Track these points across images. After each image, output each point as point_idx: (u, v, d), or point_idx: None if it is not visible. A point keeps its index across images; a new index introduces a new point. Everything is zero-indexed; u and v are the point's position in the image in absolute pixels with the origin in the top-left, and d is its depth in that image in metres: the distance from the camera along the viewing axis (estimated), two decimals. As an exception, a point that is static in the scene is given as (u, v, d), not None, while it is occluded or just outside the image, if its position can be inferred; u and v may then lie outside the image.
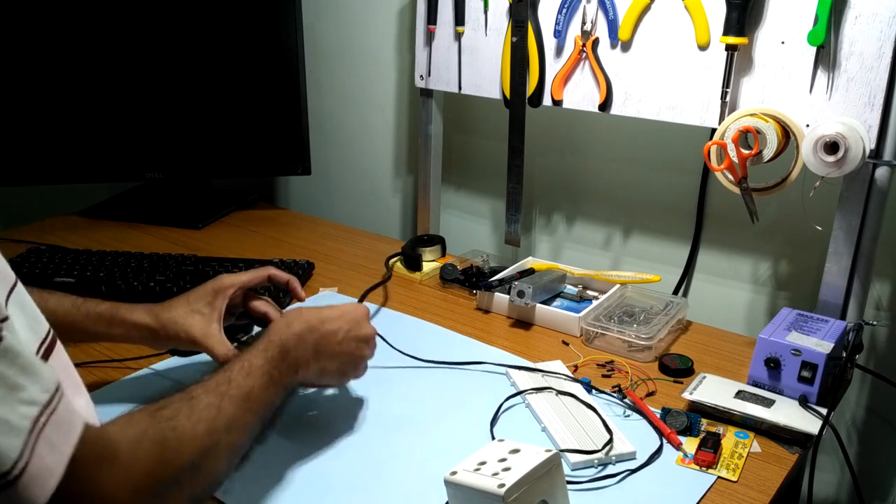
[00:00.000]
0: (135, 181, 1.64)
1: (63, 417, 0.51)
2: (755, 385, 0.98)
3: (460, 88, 1.36)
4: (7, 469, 0.46)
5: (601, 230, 1.43)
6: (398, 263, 1.38)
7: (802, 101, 1.04)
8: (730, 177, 1.07)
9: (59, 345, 0.62)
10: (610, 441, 0.86)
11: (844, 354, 1.00)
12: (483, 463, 0.72)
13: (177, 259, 1.32)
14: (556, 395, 0.97)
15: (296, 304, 0.99)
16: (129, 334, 0.89)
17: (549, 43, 1.23)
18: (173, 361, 1.04)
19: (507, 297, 1.19)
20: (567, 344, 1.12)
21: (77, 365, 0.98)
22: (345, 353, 0.85)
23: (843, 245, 1.05)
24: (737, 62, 1.06)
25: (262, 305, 0.94)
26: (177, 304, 0.90)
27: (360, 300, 1.21)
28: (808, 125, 1.03)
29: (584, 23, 1.18)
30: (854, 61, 0.99)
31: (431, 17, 1.35)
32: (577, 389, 0.98)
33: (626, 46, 1.16)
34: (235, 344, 0.90)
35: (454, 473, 0.71)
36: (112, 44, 1.50)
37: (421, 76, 1.41)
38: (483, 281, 1.25)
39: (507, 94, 1.29)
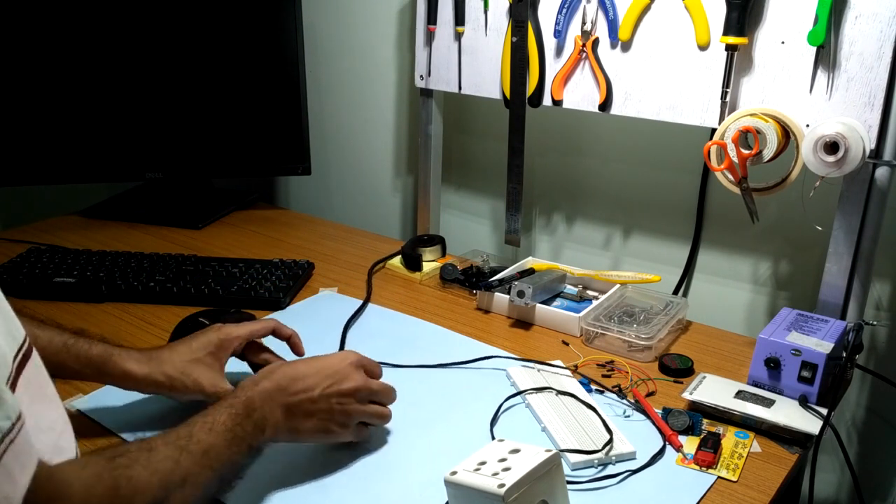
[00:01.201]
0: (135, 181, 1.64)
1: (22, 448, 0.51)
2: (755, 385, 0.98)
3: (460, 88, 1.36)
4: None
5: (601, 230, 1.43)
6: (398, 263, 1.38)
7: (802, 101, 1.04)
8: (730, 177, 1.07)
9: (34, 353, 0.61)
10: (610, 441, 0.86)
11: (844, 354, 1.00)
12: (483, 463, 0.72)
13: (177, 259, 1.33)
14: (556, 395, 0.97)
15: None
16: (124, 383, 0.85)
17: (549, 43, 1.23)
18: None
19: (507, 297, 1.19)
20: (567, 344, 1.12)
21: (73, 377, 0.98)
22: (322, 410, 0.78)
23: (843, 245, 1.05)
24: (737, 62, 1.06)
25: (265, 356, 0.92)
26: (179, 351, 0.86)
27: (342, 339, 1.12)
28: (808, 125, 1.03)
29: (584, 23, 1.18)
30: (854, 61, 0.99)
31: (431, 17, 1.35)
32: (577, 389, 0.98)
33: (626, 46, 1.16)
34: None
35: (454, 473, 0.71)
36: (112, 44, 1.50)
37: (421, 76, 1.41)
38: (483, 281, 1.25)
39: (507, 94, 1.29)
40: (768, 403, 0.93)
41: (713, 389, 0.96)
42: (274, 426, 0.76)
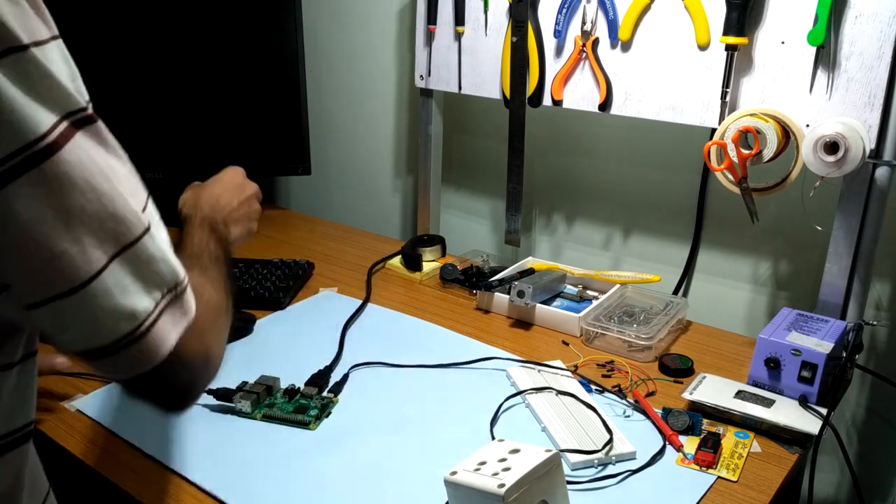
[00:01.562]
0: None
1: (186, 300, 0.58)
2: (755, 385, 0.98)
3: (460, 88, 1.36)
4: (138, 324, 0.53)
5: (601, 230, 1.43)
6: (398, 263, 1.38)
7: (802, 101, 1.04)
8: (730, 177, 1.07)
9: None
10: (610, 441, 0.86)
11: (844, 354, 1.00)
12: (483, 463, 0.72)
13: (177, 259, 1.32)
14: (556, 395, 0.97)
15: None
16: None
17: (549, 43, 1.23)
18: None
19: (507, 297, 1.19)
20: (567, 344, 1.12)
21: (73, 375, 0.99)
22: (243, 216, 0.93)
23: (843, 245, 1.05)
24: (737, 62, 1.06)
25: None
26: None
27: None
28: (808, 125, 1.03)
29: (584, 23, 1.18)
30: (854, 61, 0.99)
31: (431, 17, 1.35)
32: (578, 389, 0.98)
33: (626, 46, 1.16)
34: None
35: (454, 473, 0.71)
36: (112, 44, 1.50)
37: (421, 76, 1.41)
38: (483, 281, 1.25)
39: (507, 94, 1.29)
40: (768, 403, 0.93)
41: (713, 389, 0.96)
42: (225, 239, 0.87)
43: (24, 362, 0.60)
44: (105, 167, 0.51)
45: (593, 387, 1.00)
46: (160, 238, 0.57)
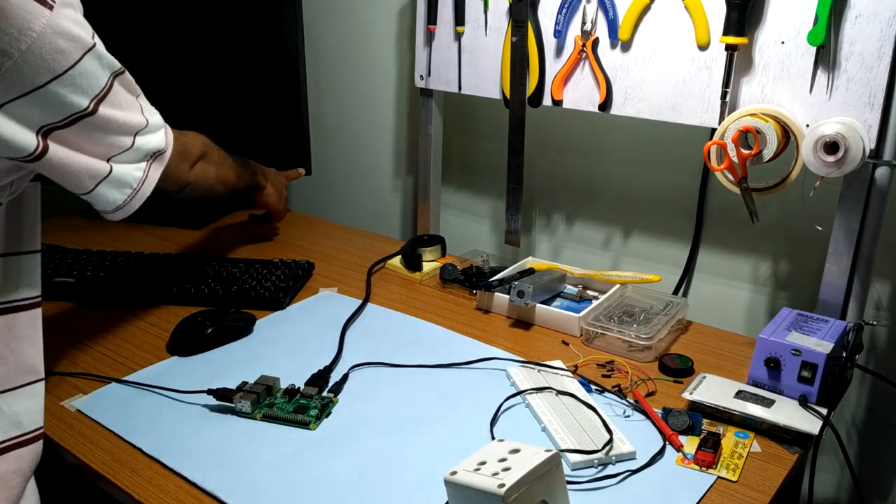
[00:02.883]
0: (135, 181, 1.63)
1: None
2: (755, 385, 0.98)
3: (460, 88, 1.36)
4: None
5: (601, 230, 1.43)
6: (398, 263, 1.38)
7: (802, 101, 1.04)
8: (730, 177, 1.07)
9: None
10: (610, 441, 0.86)
11: (844, 354, 1.00)
12: (483, 463, 0.72)
13: (177, 259, 1.33)
14: (556, 395, 0.97)
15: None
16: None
17: (549, 43, 1.23)
18: (173, 361, 1.05)
19: (507, 297, 1.19)
20: (567, 344, 1.12)
21: (73, 375, 1.00)
22: (281, 185, 1.47)
23: (843, 245, 1.05)
24: (737, 62, 1.06)
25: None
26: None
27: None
28: (808, 125, 1.03)
29: (584, 23, 1.18)
30: (854, 61, 0.99)
31: (431, 17, 1.35)
32: (578, 389, 0.98)
33: (626, 46, 1.16)
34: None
35: (454, 473, 0.71)
36: (111, 44, 1.49)
37: (421, 76, 1.41)
38: (483, 281, 1.25)
39: (507, 94, 1.29)
40: (768, 403, 0.93)
41: (713, 389, 0.96)
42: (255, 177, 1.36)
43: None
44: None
45: (593, 387, 1.00)
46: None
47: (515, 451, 0.73)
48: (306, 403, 0.94)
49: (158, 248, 1.41)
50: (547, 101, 1.26)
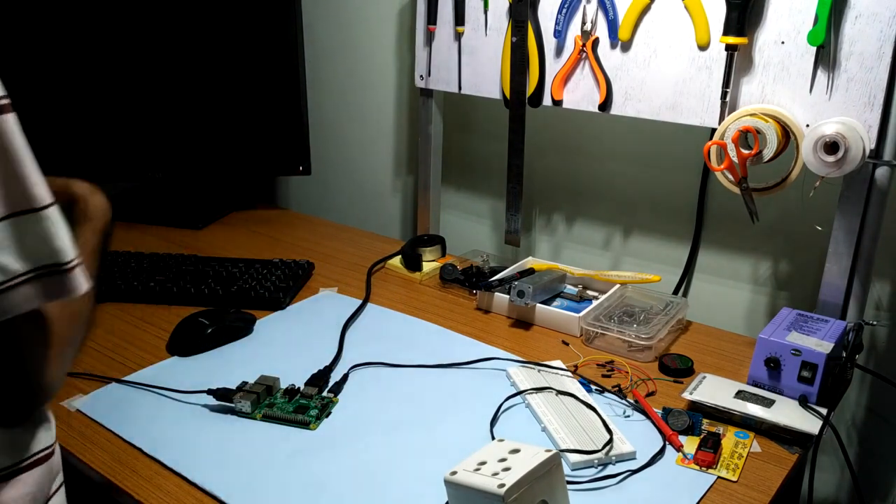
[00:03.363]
0: (135, 181, 1.64)
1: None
2: (755, 385, 0.98)
3: (460, 88, 1.36)
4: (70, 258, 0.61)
5: (601, 230, 1.43)
6: (398, 263, 1.38)
7: (802, 101, 1.04)
8: (730, 177, 1.07)
9: None
10: (610, 441, 0.86)
11: (844, 354, 1.00)
12: (483, 463, 0.72)
13: (177, 259, 1.33)
14: (556, 395, 0.97)
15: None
16: None
17: (549, 43, 1.23)
18: (173, 361, 1.05)
19: (507, 297, 1.19)
20: (567, 344, 1.12)
21: (73, 375, 0.99)
22: None
23: (843, 245, 1.05)
24: (737, 62, 1.06)
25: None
26: None
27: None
28: (808, 125, 1.03)
29: (584, 23, 1.18)
30: (854, 61, 0.99)
31: (431, 17, 1.35)
32: (578, 389, 0.98)
33: (626, 46, 1.16)
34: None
35: (454, 473, 0.71)
36: (112, 44, 1.50)
37: (421, 76, 1.41)
38: (483, 281, 1.25)
39: (507, 94, 1.29)
40: (768, 403, 0.93)
41: (713, 389, 0.96)
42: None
43: None
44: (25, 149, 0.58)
45: (593, 387, 1.00)
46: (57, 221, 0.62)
47: (515, 451, 0.73)
48: (306, 403, 0.94)
49: (158, 248, 1.41)
50: (547, 101, 1.26)
